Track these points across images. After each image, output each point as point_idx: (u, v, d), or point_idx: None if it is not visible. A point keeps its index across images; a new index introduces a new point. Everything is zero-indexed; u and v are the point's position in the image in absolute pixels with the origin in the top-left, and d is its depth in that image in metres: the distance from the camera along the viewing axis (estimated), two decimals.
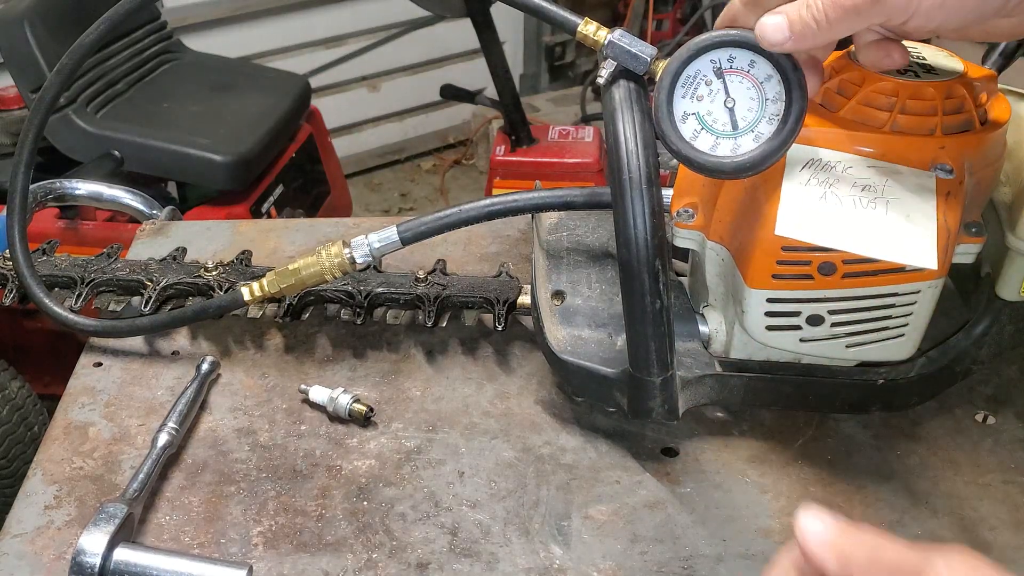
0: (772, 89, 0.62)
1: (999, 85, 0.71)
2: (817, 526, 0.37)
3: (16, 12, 1.80)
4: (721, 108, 0.62)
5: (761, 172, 0.63)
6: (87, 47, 0.84)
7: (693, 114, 0.63)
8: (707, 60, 0.62)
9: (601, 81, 0.67)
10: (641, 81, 0.66)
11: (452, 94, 2.44)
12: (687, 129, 0.63)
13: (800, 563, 0.38)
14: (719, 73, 0.62)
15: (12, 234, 0.89)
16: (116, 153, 1.80)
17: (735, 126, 0.62)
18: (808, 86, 0.61)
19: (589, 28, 0.67)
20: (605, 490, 0.76)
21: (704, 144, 0.63)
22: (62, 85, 0.86)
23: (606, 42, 0.66)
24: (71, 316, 0.88)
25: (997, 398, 0.85)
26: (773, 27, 0.58)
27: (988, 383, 0.86)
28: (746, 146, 0.62)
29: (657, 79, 0.63)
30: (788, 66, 0.60)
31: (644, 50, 0.65)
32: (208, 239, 1.10)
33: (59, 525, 0.74)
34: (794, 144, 0.63)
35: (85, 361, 0.91)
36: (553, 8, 0.70)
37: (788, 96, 0.61)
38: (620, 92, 0.65)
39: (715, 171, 0.63)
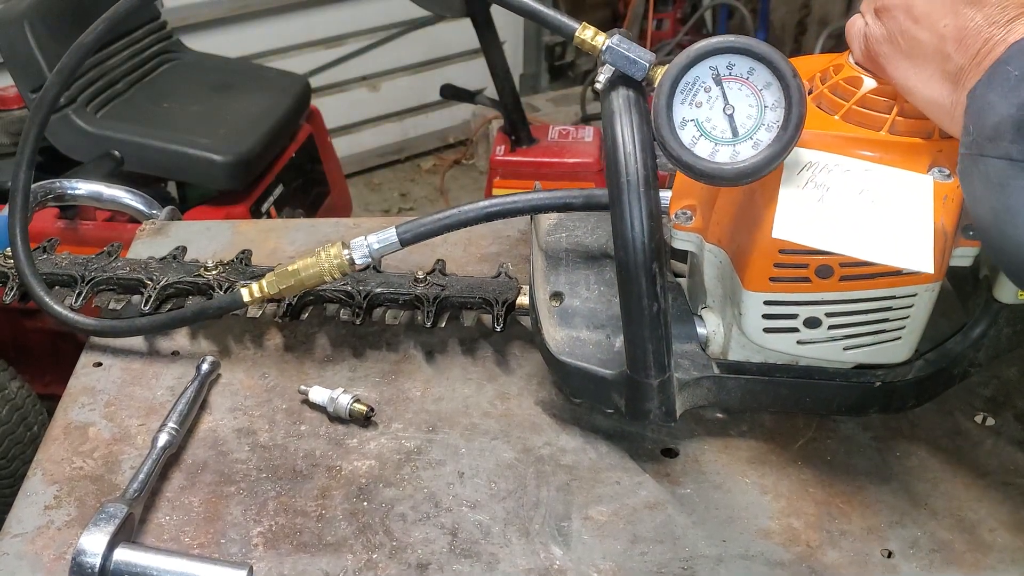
0: (771, 96, 0.62)
1: None
2: None
3: (16, 12, 1.79)
4: (720, 115, 0.63)
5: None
6: (87, 47, 0.84)
7: (692, 120, 0.63)
8: (706, 66, 0.62)
9: (599, 86, 0.67)
10: (639, 86, 0.66)
11: (452, 94, 2.44)
12: (686, 135, 0.63)
13: None
14: (718, 80, 0.62)
15: (13, 232, 0.89)
16: (116, 153, 1.80)
17: (735, 133, 0.62)
18: None
19: (587, 33, 0.67)
20: (605, 491, 0.76)
21: (703, 151, 0.63)
22: (63, 85, 0.86)
23: (604, 47, 0.66)
24: (71, 315, 0.89)
25: (996, 400, 0.85)
26: None
27: (987, 385, 0.86)
28: (745, 153, 0.62)
29: (656, 85, 0.63)
30: (788, 72, 0.61)
31: (642, 56, 0.65)
32: (208, 239, 1.10)
33: (59, 525, 0.74)
34: None
35: (85, 361, 0.91)
36: (550, 12, 0.70)
37: (787, 102, 0.61)
38: (619, 96, 0.65)
39: (715, 177, 0.63)
